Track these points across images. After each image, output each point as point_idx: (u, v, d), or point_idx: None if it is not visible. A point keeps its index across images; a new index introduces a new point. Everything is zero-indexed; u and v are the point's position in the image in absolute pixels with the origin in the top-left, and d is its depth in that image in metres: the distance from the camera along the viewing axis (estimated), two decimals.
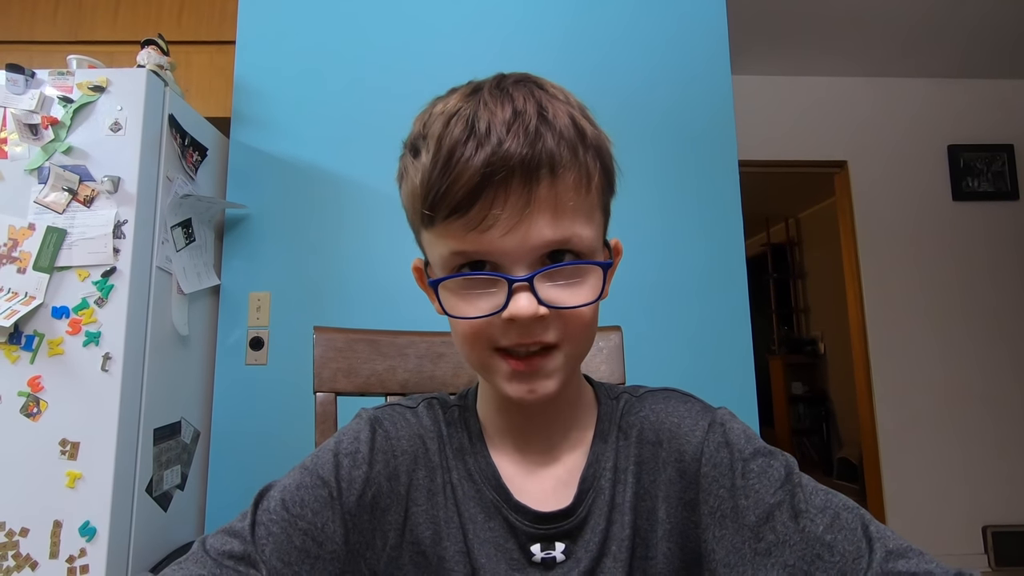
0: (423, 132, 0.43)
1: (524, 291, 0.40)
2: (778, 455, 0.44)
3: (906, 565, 0.36)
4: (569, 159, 0.41)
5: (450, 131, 0.40)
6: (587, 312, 0.43)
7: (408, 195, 0.45)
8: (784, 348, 5.30)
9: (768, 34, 2.77)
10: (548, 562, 0.46)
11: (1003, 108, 3.19)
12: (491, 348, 0.43)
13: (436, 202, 0.40)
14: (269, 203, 1.68)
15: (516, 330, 0.41)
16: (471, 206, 0.39)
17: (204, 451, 1.57)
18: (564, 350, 0.43)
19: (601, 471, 0.48)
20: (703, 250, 1.72)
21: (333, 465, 0.45)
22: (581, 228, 0.42)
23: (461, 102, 0.42)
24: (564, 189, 0.41)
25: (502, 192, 0.39)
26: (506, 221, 0.39)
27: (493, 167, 0.38)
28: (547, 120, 0.41)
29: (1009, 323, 3.03)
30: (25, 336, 1.24)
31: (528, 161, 0.39)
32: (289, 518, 0.42)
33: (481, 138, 0.39)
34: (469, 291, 0.42)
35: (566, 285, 0.42)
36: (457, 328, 0.44)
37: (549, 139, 0.40)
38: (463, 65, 1.74)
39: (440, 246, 0.43)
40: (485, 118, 0.40)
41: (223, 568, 0.38)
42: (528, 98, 0.41)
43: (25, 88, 1.33)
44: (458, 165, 0.39)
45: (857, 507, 0.41)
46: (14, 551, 1.16)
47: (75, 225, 1.28)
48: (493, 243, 0.40)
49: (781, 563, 0.39)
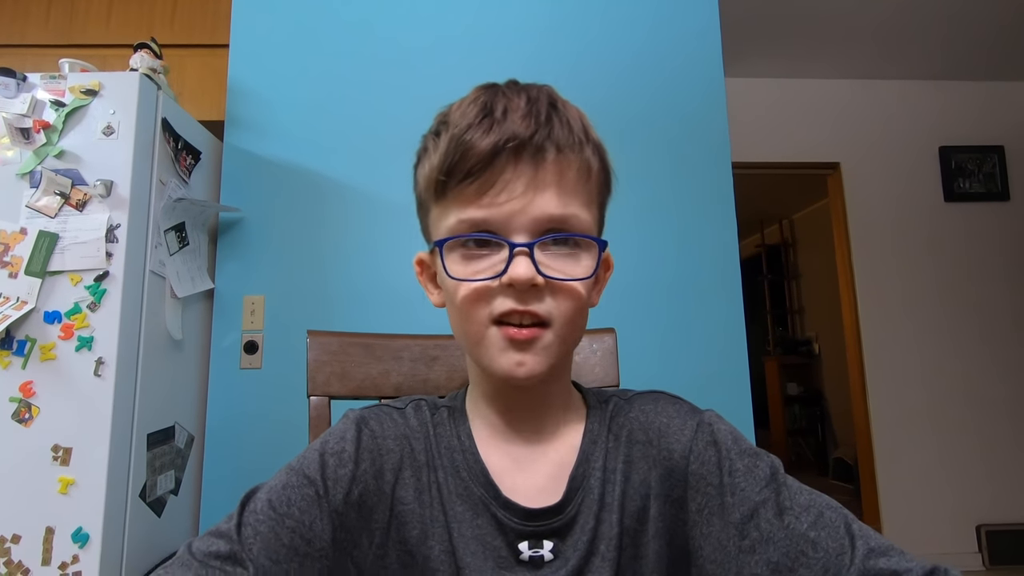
0: (444, 119, 0.47)
1: (524, 256, 0.43)
2: (764, 456, 0.45)
3: (887, 562, 0.37)
4: (575, 145, 0.45)
5: (468, 112, 0.45)
6: (579, 291, 0.45)
7: (425, 172, 0.48)
8: (779, 349, 5.32)
9: (760, 37, 2.78)
10: (536, 561, 0.46)
11: (994, 109, 3.22)
12: (488, 319, 0.44)
13: (451, 168, 0.44)
14: (263, 206, 1.68)
15: (513, 296, 0.43)
16: (483, 171, 0.43)
17: (198, 456, 1.57)
18: (555, 330, 0.45)
19: (591, 470, 0.49)
20: (697, 252, 1.73)
21: (319, 464, 0.45)
22: (580, 211, 0.45)
23: (479, 93, 0.46)
24: (568, 170, 0.45)
25: (511, 162, 0.43)
26: (514, 187, 0.43)
27: (507, 139, 0.43)
28: (558, 110, 0.46)
29: (1001, 323, 3.05)
30: (17, 341, 1.23)
31: (538, 139, 0.43)
32: (276, 517, 0.42)
33: (497, 118, 0.44)
34: (471, 258, 0.45)
35: (563, 259, 0.44)
36: (455, 295, 0.45)
37: (558, 125, 0.44)
38: (457, 68, 1.75)
39: (448, 217, 0.45)
40: (502, 103, 0.45)
41: (209, 568, 0.38)
42: (541, 92, 0.46)
43: (17, 92, 1.32)
44: (474, 137, 0.43)
45: (840, 507, 0.42)
46: (6, 558, 1.15)
47: (67, 229, 1.27)
48: (500, 209, 0.43)
49: (765, 560, 0.40)
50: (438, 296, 0.51)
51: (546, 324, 0.44)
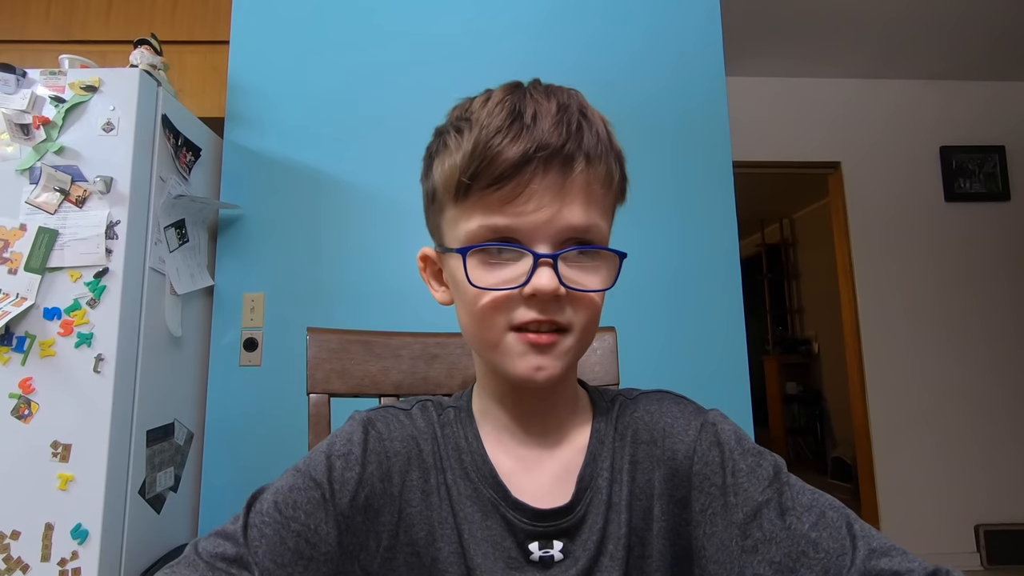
0: (466, 116, 0.46)
1: (547, 267, 0.42)
2: (767, 455, 0.45)
3: (888, 563, 0.37)
4: (601, 156, 0.45)
5: (496, 114, 0.43)
6: (597, 301, 0.45)
7: (446, 169, 0.46)
8: (778, 348, 5.32)
9: (762, 36, 2.78)
10: (546, 561, 0.46)
11: (995, 110, 3.22)
12: (506, 326, 0.44)
13: (478, 172, 0.43)
14: (263, 203, 1.67)
15: (536, 306, 0.43)
16: (511, 179, 0.42)
17: (198, 453, 1.57)
18: (573, 336, 0.45)
19: (598, 470, 0.49)
20: (698, 251, 1.73)
21: (326, 467, 0.45)
22: (601, 221, 0.45)
23: (506, 94, 0.45)
24: (596, 181, 0.44)
25: (540, 171, 0.42)
26: (542, 197, 0.42)
27: (538, 148, 0.42)
28: (588, 118, 0.45)
29: (1001, 324, 3.05)
30: (16, 337, 1.23)
31: (569, 149, 0.43)
32: (282, 520, 0.42)
33: (528, 123, 0.42)
34: (492, 265, 0.44)
35: (584, 270, 0.44)
36: (473, 302, 0.45)
37: (587, 134, 0.44)
38: (457, 64, 1.74)
39: (469, 221, 0.44)
40: (532, 107, 0.43)
41: (215, 571, 0.38)
42: (572, 98, 0.46)
43: (16, 88, 1.32)
44: (505, 141, 0.42)
45: (843, 507, 0.42)
46: (5, 554, 1.15)
47: (67, 226, 1.27)
48: (525, 217, 0.42)
49: (767, 560, 0.40)
50: (443, 293, 0.51)
51: (565, 331, 0.45)
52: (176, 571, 0.38)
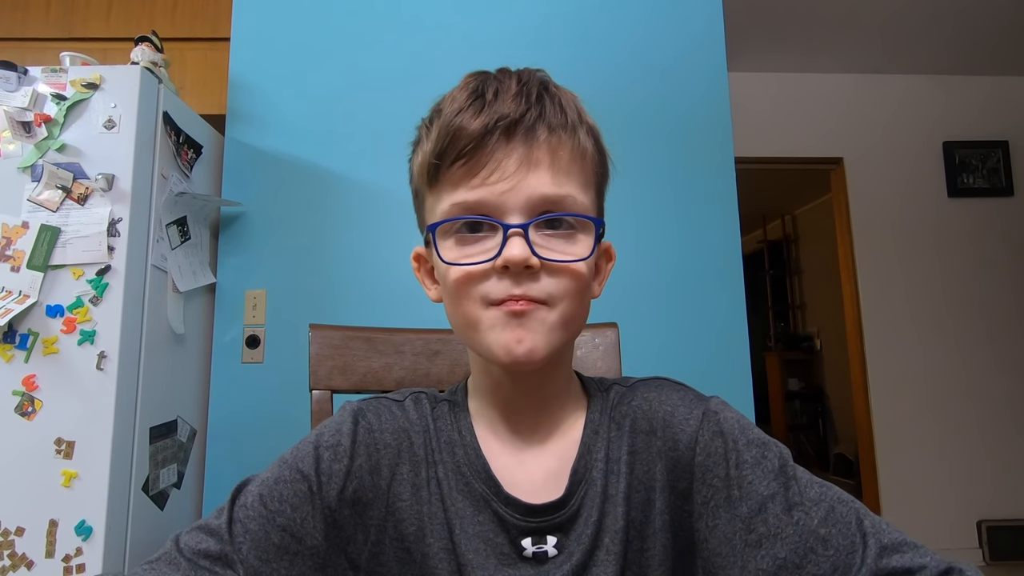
0: (439, 107, 0.47)
1: (518, 237, 0.42)
2: (772, 445, 0.44)
3: (900, 560, 0.36)
4: (567, 126, 0.45)
5: (459, 97, 0.45)
6: (578, 272, 0.44)
7: (419, 160, 0.48)
8: (780, 344, 5.32)
9: (764, 31, 2.77)
10: (540, 556, 0.45)
11: (998, 105, 3.20)
12: (482, 301, 0.43)
13: (443, 151, 0.43)
14: (265, 200, 1.67)
15: (509, 278, 0.42)
16: (474, 153, 0.42)
17: (200, 450, 1.57)
18: (557, 311, 0.43)
19: (593, 462, 0.48)
20: (699, 247, 1.72)
21: (313, 459, 0.44)
22: (577, 192, 0.44)
23: (470, 79, 0.46)
24: (561, 150, 0.44)
25: (503, 143, 0.42)
26: (506, 167, 0.42)
27: (498, 119, 0.42)
28: (549, 91, 0.45)
29: (1004, 319, 3.04)
30: (19, 335, 1.23)
31: (529, 118, 0.43)
32: (267, 514, 0.41)
33: (490, 99, 0.43)
34: (465, 242, 0.44)
35: (559, 240, 0.44)
36: (449, 280, 0.44)
37: (549, 105, 0.44)
38: (459, 60, 1.73)
39: (442, 202, 0.45)
40: (494, 86, 0.44)
41: (198, 569, 0.38)
42: (533, 75, 0.46)
43: (18, 85, 1.32)
44: (465, 119, 0.43)
45: (853, 500, 0.41)
46: (10, 550, 1.16)
47: (69, 223, 1.27)
48: (493, 191, 0.42)
49: (771, 555, 0.39)
50: (436, 291, 0.50)
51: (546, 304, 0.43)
52: (157, 568, 0.38)
